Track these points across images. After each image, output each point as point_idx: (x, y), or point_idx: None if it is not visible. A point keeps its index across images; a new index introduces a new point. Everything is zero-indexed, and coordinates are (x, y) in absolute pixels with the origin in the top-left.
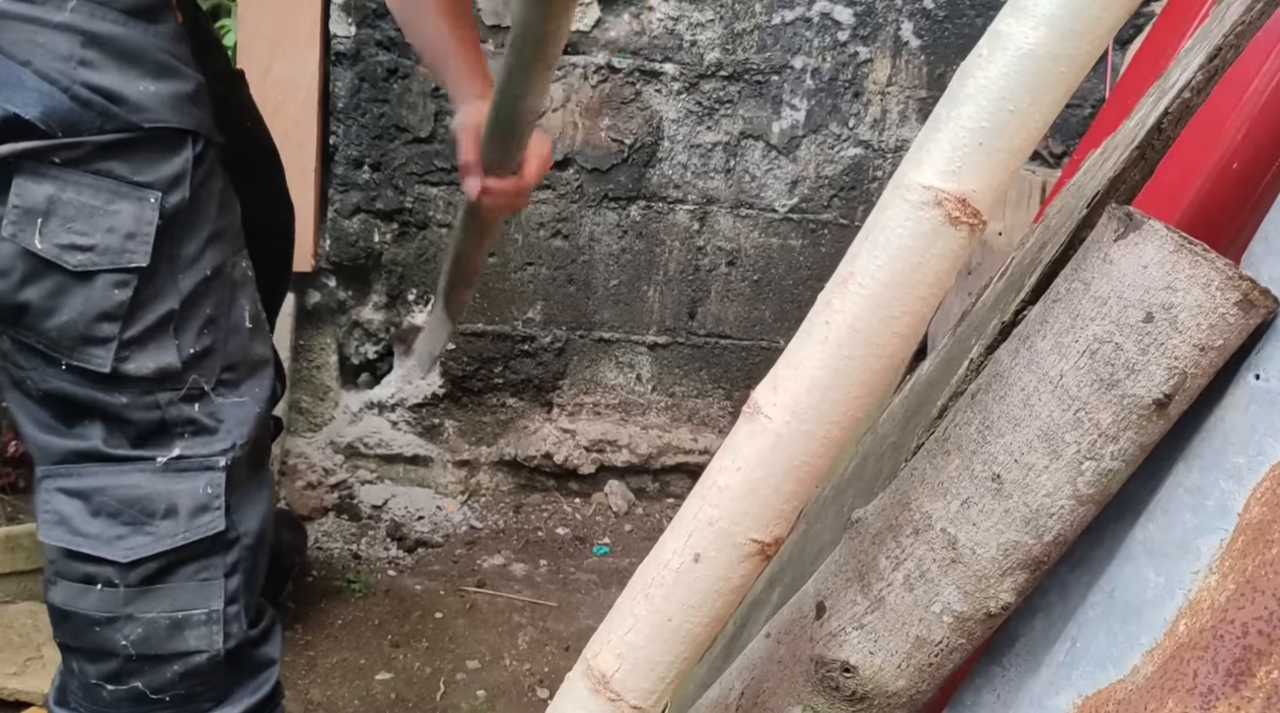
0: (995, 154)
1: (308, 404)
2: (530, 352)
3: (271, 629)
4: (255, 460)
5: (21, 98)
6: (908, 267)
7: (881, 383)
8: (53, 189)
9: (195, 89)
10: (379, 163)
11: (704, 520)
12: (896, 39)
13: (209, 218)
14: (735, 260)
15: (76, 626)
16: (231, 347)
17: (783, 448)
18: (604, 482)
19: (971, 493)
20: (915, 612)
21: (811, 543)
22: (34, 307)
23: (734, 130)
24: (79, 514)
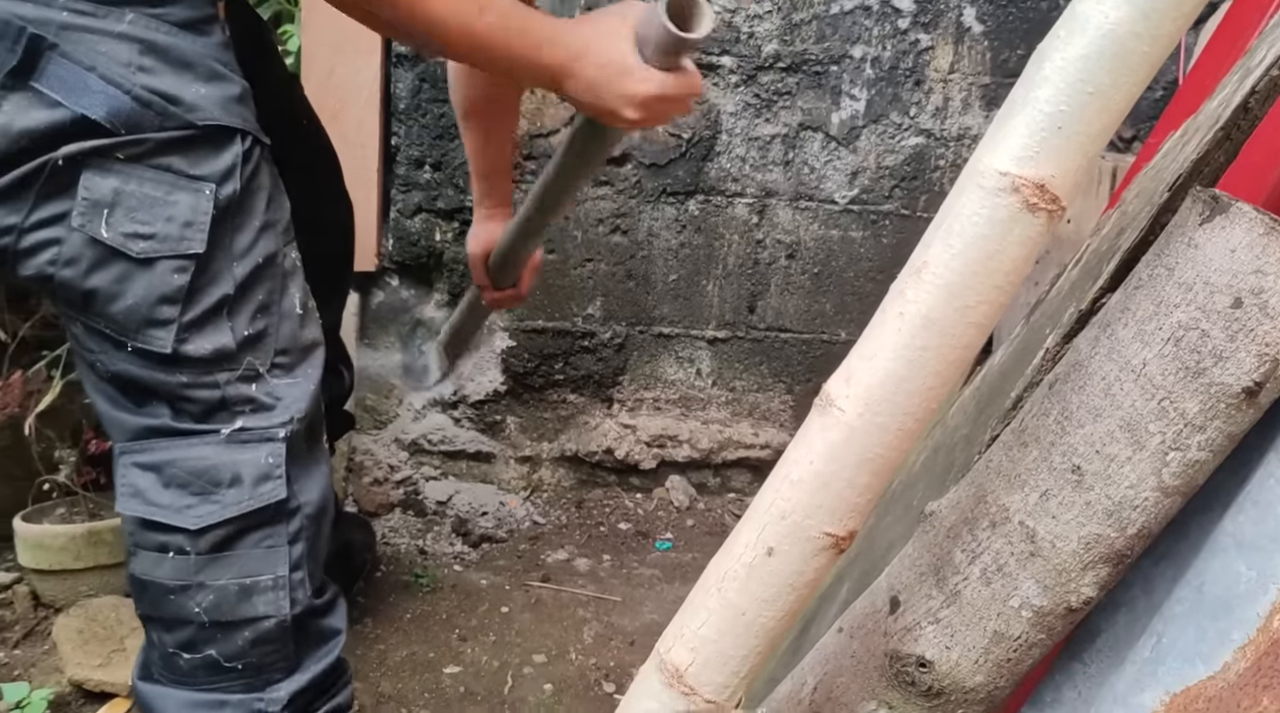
0: (1074, 138)
1: (373, 402)
2: (590, 348)
3: (336, 602)
4: (312, 435)
5: (88, 100)
6: (983, 255)
7: (956, 374)
8: (117, 182)
9: (242, 92)
10: (440, 162)
11: (776, 514)
12: (959, 25)
13: (259, 210)
14: (795, 253)
15: (154, 595)
16: (284, 332)
17: (856, 440)
18: (665, 477)
19: (1050, 485)
20: (993, 606)
21: (880, 537)
22: (101, 292)
23: (793, 122)
24: (152, 486)
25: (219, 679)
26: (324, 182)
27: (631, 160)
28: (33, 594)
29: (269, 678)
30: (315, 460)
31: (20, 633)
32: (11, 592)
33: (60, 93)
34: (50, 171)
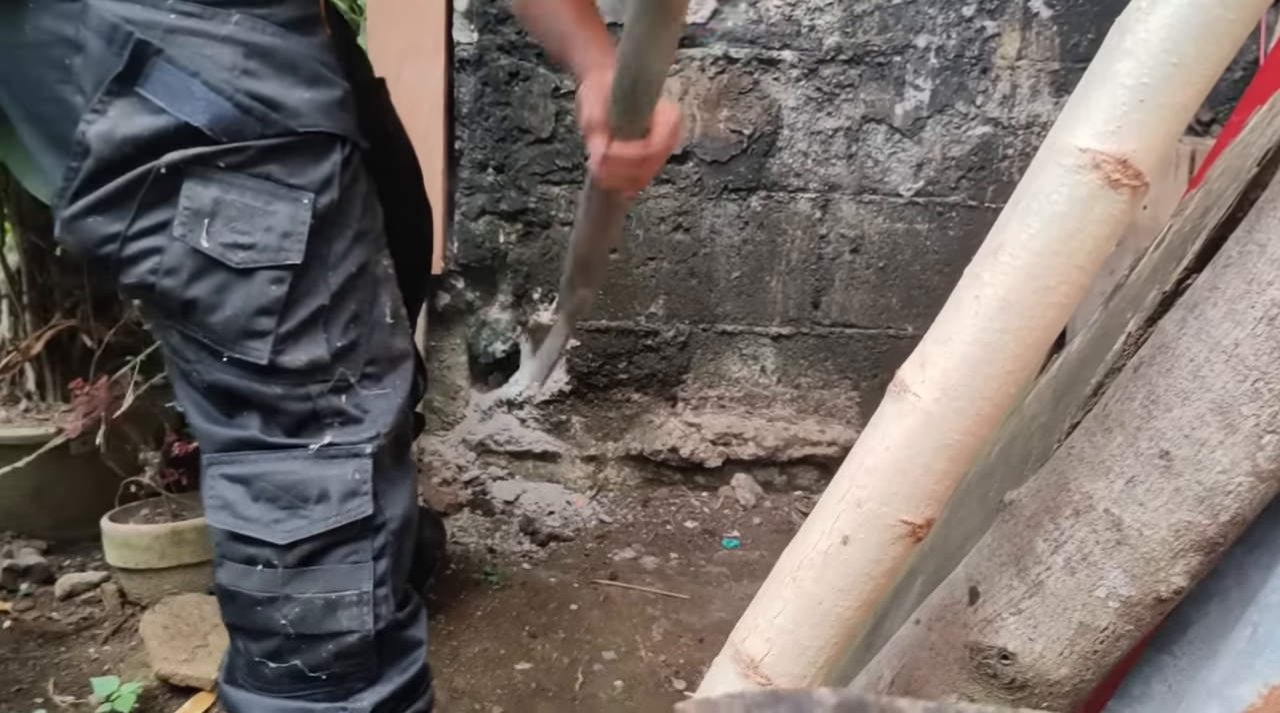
0: (1157, 111)
1: (440, 403)
2: (654, 346)
3: (418, 613)
4: (398, 450)
5: (191, 107)
6: (1064, 234)
7: (1035, 357)
8: (218, 192)
9: (343, 95)
10: (502, 165)
11: (852, 502)
12: (1026, 10)
13: (355, 218)
14: (859, 247)
15: (241, 605)
16: (375, 342)
17: (933, 426)
18: (730, 475)
19: (1137, 471)
20: (1078, 596)
21: (956, 529)
22: (201, 302)
23: (855, 115)
24: (241, 499)
25: (303, 688)
26: (407, 189)
27: (693, 158)
28: (120, 592)
29: (351, 688)
30: (401, 475)
31: (109, 629)
32: (100, 590)
33: (164, 99)
34: (153, 180)
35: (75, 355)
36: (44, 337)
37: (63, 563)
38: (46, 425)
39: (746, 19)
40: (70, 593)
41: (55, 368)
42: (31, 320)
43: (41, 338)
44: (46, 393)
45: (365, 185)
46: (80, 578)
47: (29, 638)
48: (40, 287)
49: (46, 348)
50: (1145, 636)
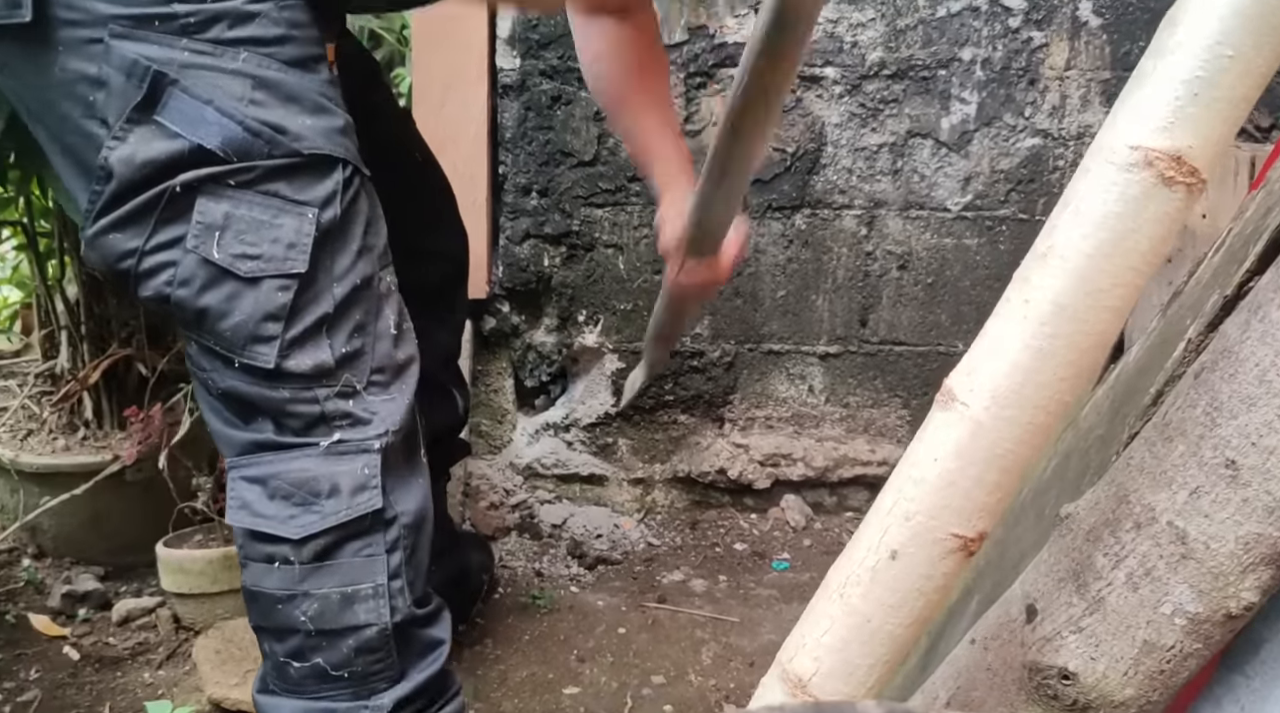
0: (1213, 105)
1: (487, 427)
2: (699, 367)
3: (439, 614)
4: (408, 448)
5: (205, 131)
6: (1116, 235)
7: (1090, 364)
8: (229, 207)
9: (344, 125)
10: (546, 188)
11: (900, 515)
12: (1074, 20)
13: (357, 235)
14: (907, 264)
15: (264, 605)
16: (380, 351)
17: (983, 436)
18: (780, 496)
19: (1201, 481)
20: (1142, 613)
21: (1011, 548)
22: (212, 310)
23: (900, 130)
24: (258, 498)
25: (327, 688)
26: (437, 212)
27: None
28: (174, 618)
29: (374, 687)
30: (413, 473)
31: (164, 654)
32: (155, 615)
33: (180, 125)
34: (169, 198)
35: (131, 384)
36: (101, 366)
37: (119, 589)
38: (103, 453)
39: None
40: (126, 619)
41: (112, 397)
42: (89, 350)
43: (99, 367)
44: (104, 421)
45: (368, 206)
46: (136, 604)
47: (87, 663)
48: (98, 317)
49: (103, 377)
50: (1215, 654)
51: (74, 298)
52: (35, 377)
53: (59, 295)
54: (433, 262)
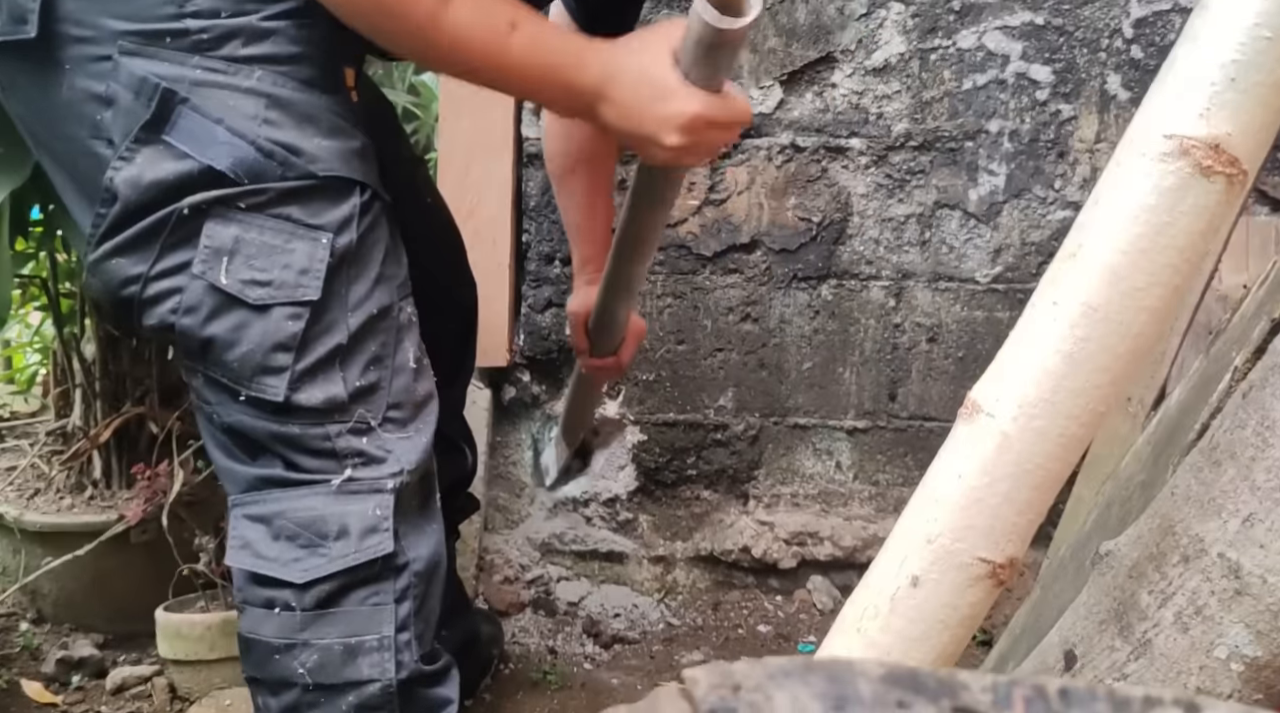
0: (1252, 90)
1: (505, 501)
2: (723, 441)
3: (448, 672)
4: (424, 492)
5: (215, 151)
6: (1152, 229)
7: (1126, 369)
8: (238, 231)
9: (362, 147)
10: (569, 257)
11: (921, 538)
12: (1103, 93)
13: (375, 262)
14: (936, 337)
15: (259, 655)
16: (397, 385)
17: (1011, 449)
18: (806, 578)
19: (1255, 508)
20: (1193, 658)
21: (1050, 605)
22: (219, 340)
23: (927, 201)
24: (261, 539)
25: None
26: (448, 261)
27: (760, 247)
28: (170, 687)
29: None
30: (427, 518)
31: None
32: (150, 684)
33: (189, 145)
34: (176, 221)
35: (142, 443)
36: (113, 424)
37: (117, 657)
38: (109, 513)
39: (813, 108)
40: (121, 687)
41: (122, 456)
42: (103, 409)
43: (111, 426)
44: (112, 481)
45: (387, 233)
46: (132, 672)
47: None
48: (113, 376)
49: (115, 436)
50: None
51: (91, 357)
52: (47, 435)
53: (75, 353)
54: (449, 312)
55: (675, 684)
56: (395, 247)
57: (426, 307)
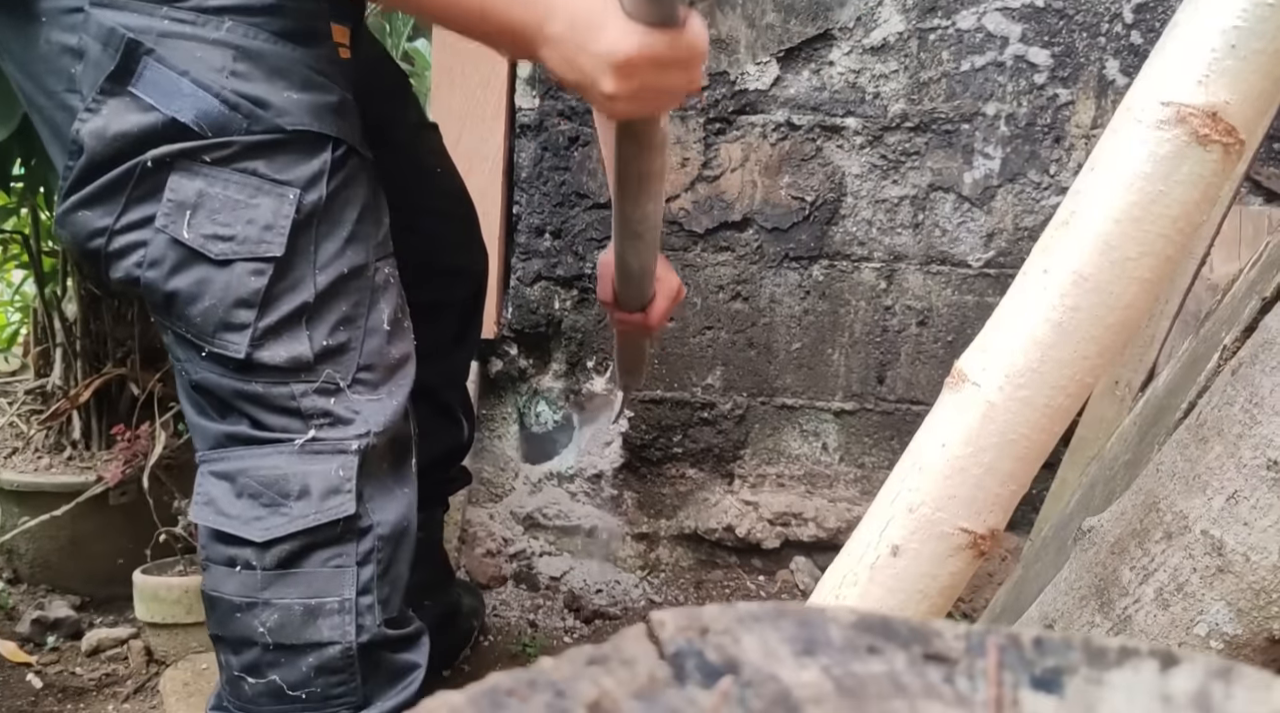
0: (1252, 58)
1: (489, 474)
2: (710, 420)
3: (417, 638)
4: (395, 455)
5: (179, 103)
6: (1146, 198)
7: (1116, 340)
8: (202, 185)
9: (340, 102)
10: (560, 230)
11: (903, 506)
12: (1100, 78)
13: (348, 220)
14: (926, 320)
15: (222, 613)
16: (369, 347)
17: (996, 419)
18: (789, 558)
19: (1240, 485)
20: (1173, 634)
21: (1031, 585)
22: (181, 294)
23: (922, 183)
24: (225, 496)
25: (282, 709)
26: (459, 228)
27: (753, 225)
28: (146, 650)
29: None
30: (397, 482)
31: (131, 688)
32: (127, 647)
33: (154, 97)
34: (140, 174)
35: (123, 405)
36: (94, 385)
37: (94, 619)
38: (87, 474)
39: (810, 86)
40: (96, 649)
41: (102, 417)
42: (83, 369)
43: (91, 386)
44: (91, 442)
45: (365, 191)
46: (108, 634)
47: (49, 693)
48: (94, 335)
49: (95, 397)
50: None
51: (72, 316)
52: (26, 394)
53: (56, 312)
54: (455, 279)
55: (642, 626)
56: (375, 206)
57: (430, 272)
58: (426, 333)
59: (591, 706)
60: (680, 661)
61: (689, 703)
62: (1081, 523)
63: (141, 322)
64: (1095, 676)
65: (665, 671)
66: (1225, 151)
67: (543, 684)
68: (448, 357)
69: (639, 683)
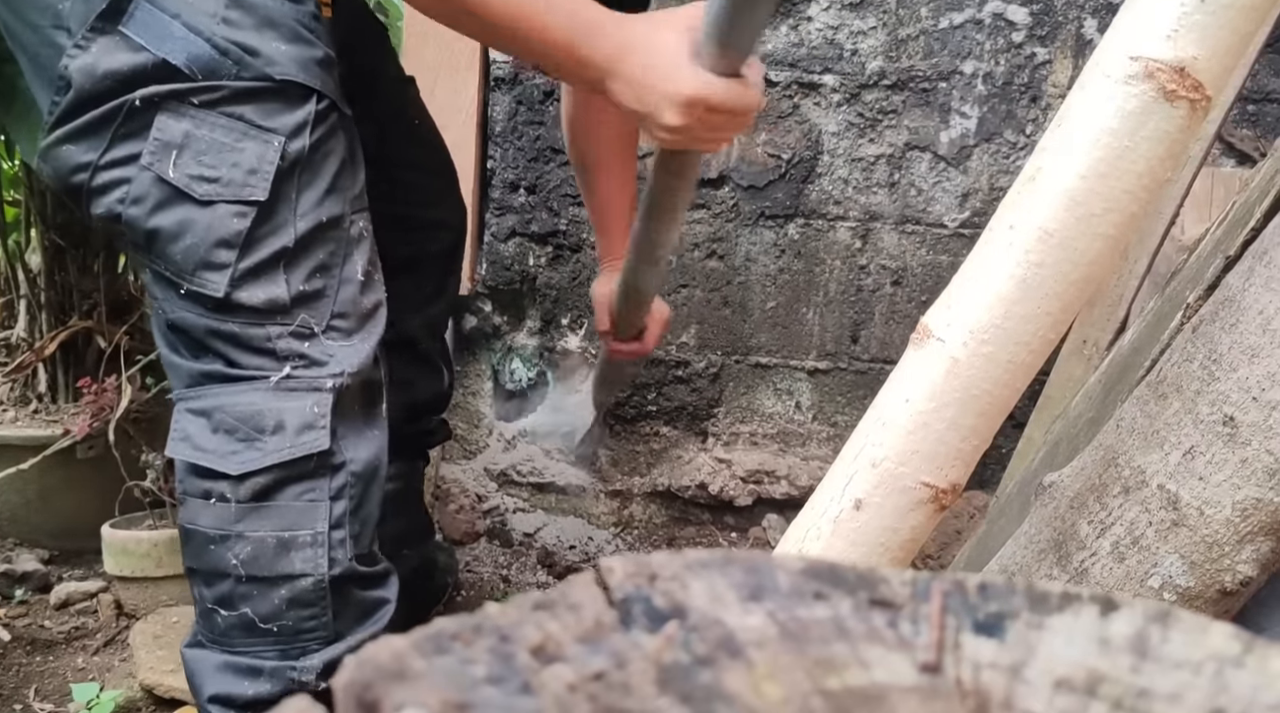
0: (1221, 12)
1: (463, 431)
2: (684, 378)
3: (386, 577)
4: (366, 398)
5: (170, 45)
6: (1112, 153)
7: (1078, 296)
8: (189, 126)
9: (324, 58)
10: (534, 185)
11: (866, 461)
12: (1078, 37)
13: (328, 172)
14: (901, 280)
15: (196, 545)
16: (343, 295)
17: (959, 374)
18: (761, 515)
19: (1196, 441)
20: (1128, 586)
21: (994, 540)
22: (163, 232)
23: (898, 142)
24: (201, 431)
25: (254, 642)
26: (436, 182)
27: (729, 183)
28: (116, 603)
29: (304, 646)
30: (369, 423)
31: (101, 641)
32: (96, 600)
33: (144, 38)
34: (127, 112)
35: (90, 358)
36: (59, 337)
37: (63, 573)
38: (54, 427)
39: (787, 42)
40: (65, 602)
41: (68, 370)
42: (48, 321)
43: (56, 339)
44: (58, 395)
45: (344, 145)
46: (77, 587)
47: (18, 646)
48: (59, 287)
49: (61, 349)
50: None
51: (36, 267)
52: None
53: (20, 263)
54: (433, 232)
55: (590, 572)
56: (353, 161)
57: (409, 225)
58: (406, 285)
59: (535, 649)
60: (628, 606)
61: (633, 647)
62: (1043, 478)
63: (108, 273)
64: (1036, 620)
65: (612, 616)
66: (1192, 108)
67: (488, 629)
68: (426, 308)
69: (585, 628)
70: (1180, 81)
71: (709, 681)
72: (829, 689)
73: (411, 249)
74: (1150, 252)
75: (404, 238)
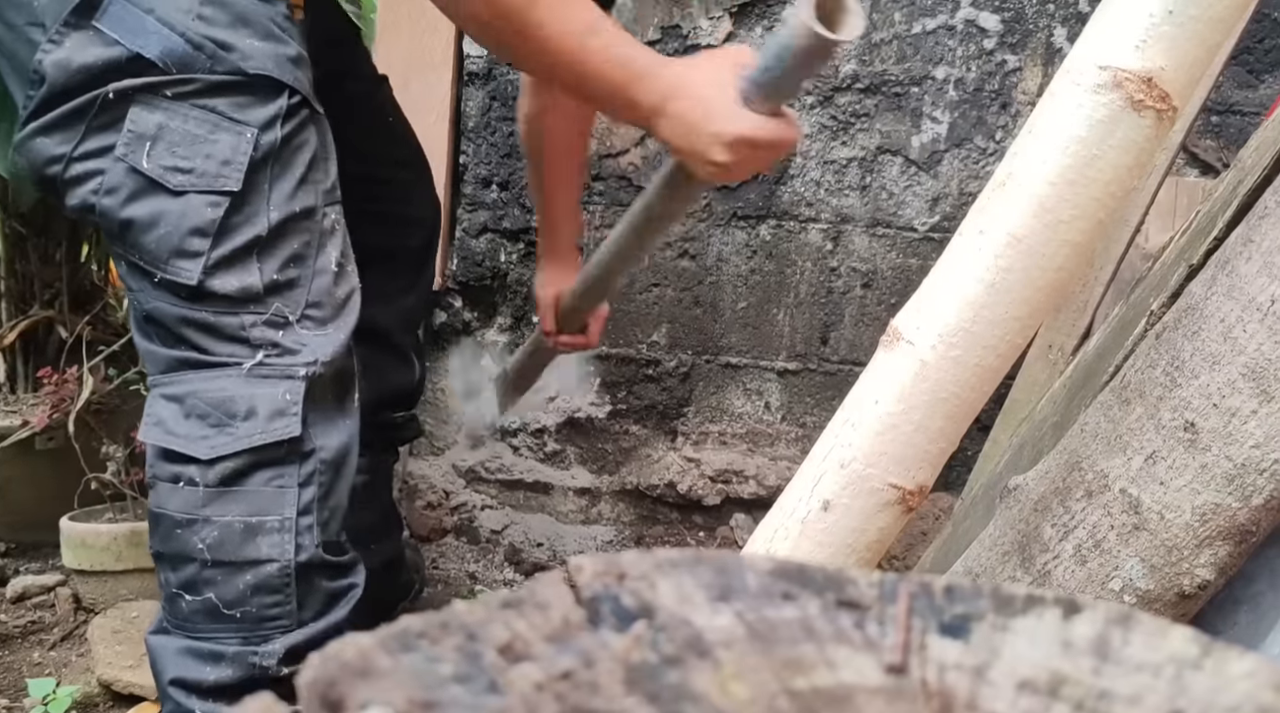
0: (1188, 25)
1: (431, 426)
2: (654, 376)
3: (352, 566)
4: (338, 386)
5: (144, 40)
6: (1080, 161)
7: (1046, 302)
8: (163, 118)
9: (296, 55)
10: (507, 182)
11: (835, 462)
12: (1049, 45)
13: (300, 164)
14: (871, 282)
15: (164, 529)
16: (317, 286)
17: (928, 377)
18: (729, 515)
19: (1158, 446)
20: (1089, 589)
21: (959, 543)
22: (137, 222)
23: (870, 145)
24: (174, 416)
25: (217, 628)
26: (413, 177)
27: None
28: (74, 598)
29: (266, 633)
30: (340, 413)
31: (59, 635)
32: (54, 594)
33: (119, 32)
34: (101, 105)
35: (51, 348)
36: (19, 327)
37: (19, 566)
38: (13, 418)
39: (762, 43)
40: (22, 596)
41: (29, 361)
42: (8, 310)
43: (16, 328)
44: (17, 385)
45: (317, 140)
46: (34, 581)
47: None
48: (20, 276)
49: (21, 339)
50: None
51: None
52: None
53: None
54: (408, 227)
55: (559, 571)
56: (324, 155)
57: (384, 220)
58: (380, 278)
59: (503, 648)
60: (596, 605)
61: (601, 646)
62: (1008, 482)
63: (70, 263)
64: (1001, 622)
65: (580, 615)
66: (1159, 118)
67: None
68: (400, 302)
69: (552, 627)
70: (1148, 91)
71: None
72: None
73: (387, 243)
74: (1116, 259)
75: (379, 232)
